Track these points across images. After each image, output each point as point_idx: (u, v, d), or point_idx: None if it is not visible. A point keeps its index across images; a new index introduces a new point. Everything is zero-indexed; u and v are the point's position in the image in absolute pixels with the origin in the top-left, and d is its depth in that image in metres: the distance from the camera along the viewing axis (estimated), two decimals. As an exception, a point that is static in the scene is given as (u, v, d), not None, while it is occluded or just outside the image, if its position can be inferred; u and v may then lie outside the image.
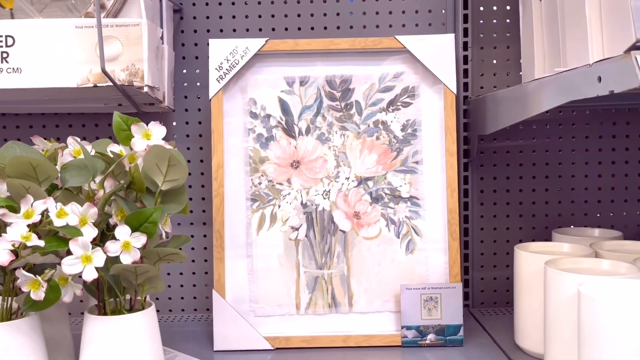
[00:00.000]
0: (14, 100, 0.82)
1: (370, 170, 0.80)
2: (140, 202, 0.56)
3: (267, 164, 0.80)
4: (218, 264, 0.78)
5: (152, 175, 0.52)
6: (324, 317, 0.79)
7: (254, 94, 0.80)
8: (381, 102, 0.80)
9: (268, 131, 0.80)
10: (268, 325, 0.79)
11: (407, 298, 0.76)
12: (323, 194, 0.79)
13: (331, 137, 0.80)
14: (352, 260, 0.79)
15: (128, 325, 0.52)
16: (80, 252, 0.48)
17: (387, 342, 0.77)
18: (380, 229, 0.79)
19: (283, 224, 0.79)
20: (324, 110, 0.80)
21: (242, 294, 0.79)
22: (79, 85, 0.74)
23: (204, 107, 0.93)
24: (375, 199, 0.79)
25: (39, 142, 0.61)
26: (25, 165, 0.50)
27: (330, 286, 0.79)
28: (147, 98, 0.82)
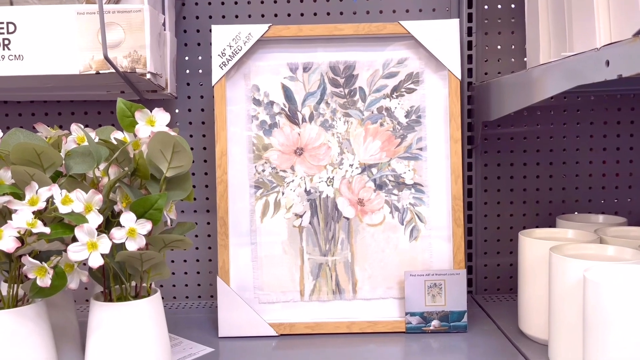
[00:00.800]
0: (16, 88, 0.82)
1: (374, 157, 0.79)
2: (144, 189, 0.55)
3: (270, 151, 0.79)
4: (222, 251, 0.78)
5: (157, 162, 0.52)
6: (328, 304, 0.79)
7: (257, 80, 0.79)
8: (385, 89, 0.79)
9: (271, 118, 0.79)
10: (272, 311, 0.79)
11: (411, 284, 0.76)
12: (327, 181, 0.79)
13: (335, 124, 0.79)
14: (356, 247, 0.79)
15: (134, 312, 0.52)
16: (85, 239, 0.48)
17: (391, 328, 0.77)
18: (384, 216, 0.79)
19: (287, 211, 0.79)
20: (328, 96, 0.79)
21: (247, 281, 0.79)
22: (81, 72, 0.74)
23: (207, 95, 0.93)
24: (379, 185, 0.79)
25: (43, 129, 0.61)
26: (29, 152, 0.50)
27: (334, 273, 0.79)
28: (150, 85, 0.82)
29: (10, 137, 0.54)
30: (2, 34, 0.72)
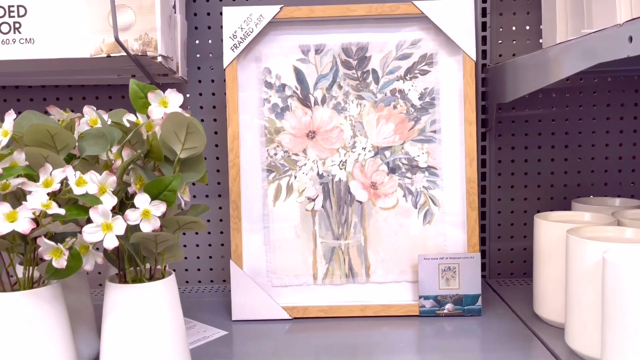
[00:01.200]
0: (27, 72, 0.82)
1: (388, 140, 0.78)
2: (158, 171, 0.55)
3: (282, 134, 0.79)
4: (235, 234, 0.78)
5: (171, 143, 0.51)
6: (341, 287, 0.79)
7: (269, 63, 0.79)
8: (398, 70, 0.78)
9: (283, 101, 0.79)
10: (285, 295, 0.79)
11: (425, 268, 0.76)
12: (339, 165, 0.79)
13: (347, 107, 0.78)
14: (369, 230, 0.79)
15: (149, 293, 0.52)
16: (100, 220, 0.48)
17: (404, 312, 0.77)
18: (398, 200, 0.78)
19: (299, 195, 0.79)
20: (340, 79, 0.78)
21: (259, 264, 0.79)
22: (92, 56, 0.73)
23: (217, 79, 0.92)
24: (392, 169, 0.78)
25: (55, 112, 0.60)
26: (43, 134, 0.50)
27: (347, 257, 0.79)
28: (161, 69, 0.81)
29: (23, 119, 0.54)
30: (13, 17, 0.72)
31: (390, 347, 0.67)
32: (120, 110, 0.61)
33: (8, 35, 0.72)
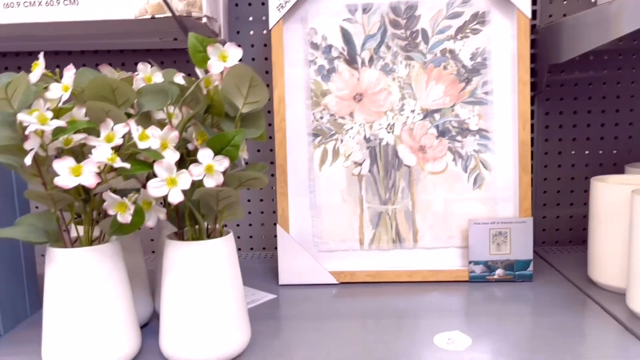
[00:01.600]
0: (68, 36, 0.81)
1: (437, 102, 0.76)
2: (216, 128, 0.54)
3: (328, 97, 0.77)
4: (282, 199, 0.77)
5: (232, 98, 0.50)
6: (388, 253, 0.78)
7: (315, 23, 0.77)
8: (449, 30, 0.76)
9: (329, 63, 0.77)
10: (331, 260, 0.78)
11: (476, 233, 0.75)
12: (387, 128, 0.77)
13: (396, 68, 0.76)
14: (417, 195, 0.77)
15: (209, 250, 0.52)
16: (165, 175, 0.47)
17: (453, 277, 0.76)
18: (447, 164, 0.77)
19: (346, 159, 0.78)
20: (388, 39, 0.76)
21: (305, 229, 0.78)
22: (137, 17, 0.72)
23: (257, 43, 0.91)
24: (441, 132, 0.77)
25: (107, 71, 0.59)
26: (104, 88, 0.49)
27: (395, 222, 0.78)
28: (204, 30, 0.80)
29: (79, 75, 0.53)
30: (58, -23, 0.70)
31: (438, 312, 0.66)
32: (171, 70, 0.59)
33: (52, -4, 0.71)
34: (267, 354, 0.56)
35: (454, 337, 0.58)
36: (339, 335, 0.60)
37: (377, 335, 0.60)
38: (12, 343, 0.61)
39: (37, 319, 0.68)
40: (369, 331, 0.61)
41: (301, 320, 0.65)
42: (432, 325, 0.62)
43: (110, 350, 0.51)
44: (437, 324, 0.62)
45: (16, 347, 0.60)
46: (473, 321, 0.63)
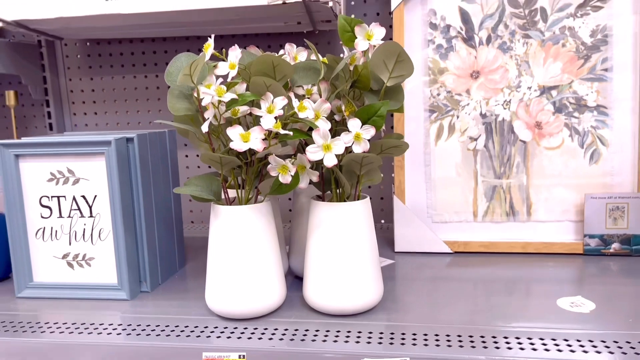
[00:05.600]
0: (206, 22, 0.89)
1: (555, 79, 0.78)
2: (359, 102, 0.60)
3: (446, 74, 0.81)
4: (398, 171, 0.82)
5: (378, 72, 0.55)
6: (502, 225, 0.81)
7: (434, 4, 0.80)
8: (569, 7, 0.77)
9: (448, 42, 0.80)
10: (445, 231, 0.82)
11: (592, 207, 0.76)
12: (503, 104, 0.80)
13: (513, 46, 0.79)
14: (531, 170, 0.80)
15: (352, 211, 0.57)
16: (321, 142, 0.53)
17: (567, 250, 0.78)
18: (563, 139, 0.78)
19: (461, 134, 0.81)
20: (506, 18, 0.78)
21: (420, 200, 0.83)
22: (269, 3, 0.79)
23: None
24: (558, 108, 0.78)
25: (254, 51, 0.66)
26: (266, 65, 0.55)
27: (509, 195, 0.81)
28: (327, 14, 0.86)
29: (182, 59, 0.59)
30: (200, -32, 0.78)
31: (554, 281, 0.68)
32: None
33: (194, -14, 0.79)
34: (399, 307, 0.61)
35: (577, 301, 0.61)
36: (459, 296, 0.64)
37: (499, 297, 0.64)
38: (169, 291, 0.70)
39: (184, 273, 0.78)
40: (491, 293, 0.65)
41: (421, 282, 0.70)
42: (551, 290, 0.65)
43: (264, 296, 0.58)
44: (555, 290, 0.65)
45: (173, 294, 0.69)
46: (591, 290, 0.65)
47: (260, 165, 0.58)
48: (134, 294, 0.68)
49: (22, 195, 0.68)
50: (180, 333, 0.56)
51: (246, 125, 0.59)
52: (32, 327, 0.60)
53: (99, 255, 0.68)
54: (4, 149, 0.66)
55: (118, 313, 0.63)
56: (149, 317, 0.61)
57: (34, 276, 0.69)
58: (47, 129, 1.10)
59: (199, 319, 0.60)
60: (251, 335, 0.55)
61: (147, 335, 0.56)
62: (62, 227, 0.68)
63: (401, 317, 0.58)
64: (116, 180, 0.64)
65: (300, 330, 0.56)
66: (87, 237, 0.67)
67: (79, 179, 0.66)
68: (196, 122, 0.58)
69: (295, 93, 0.61)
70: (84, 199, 0.67)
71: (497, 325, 0.55)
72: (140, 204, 0.67)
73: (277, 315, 0.60)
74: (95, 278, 0.68)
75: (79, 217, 0.67)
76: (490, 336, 0.53)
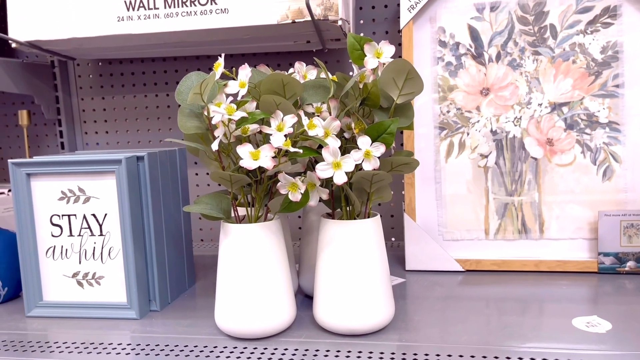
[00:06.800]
0: (215, 41, 0.90)
1: (565, 96, 0.78)
2: (368, 119, 0.59)
3: (456, 91, 0.81)
4: (409, 189, 0.82)
5: (388, 90, 0.55)
6: (514, 243, 0.80)
7: (443, 22, 0.80)
8: (578, 24, 0.77)
9: (457, 59, 0.80)
10: (457, 249, 0.81)
11: (606, 224, 0.75)
12: (514, 121, 0.79)
13: (523, 63, 0.78)
14: (543, 187, 0.79)
15: (362, 229, 0.57)
16: (331, 159, 0.53)
17: (581, 268, 0.77)
18: (575, 156, 0.78)
19: (472, 151, 0.81)
20: (516, 35, 0.78)
21: (431, 218, 0.82)
22: (279, 22, 0.79)
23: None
24: (569, 125, 0.78)
25: (264, 69, 0.67)
26: (276, 83, 0.56)
27: (521, 212, 0.80)
28: (335, 34, 0.86)
29: (191, 78, 0.60)
30: (213, -11, 0.79)
31: (568, 300, 0.67)
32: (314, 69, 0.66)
33: (205, 7, 0.81)
34: (411, 327, 0.60)
35: (593, 321, 0.60)
36: (471, 315, 0.63)
37: (512, 317, 0.62)
38: (178, 310, 0.70)
39: (194, 292, 0.77)
40: (504, 312, 0.64)
41: (432, 301, 0.69)
42: (565, 310, 0.64)
43: (274, 316, 0.58)
44: (570, 309, 0.64)
45: (183, 313, 0.68)
46: (607, 309, 0.64)
47: (269, 183, 0.58)
48: (144, 313, 0.67)
49: (33, 213, 0.68)
50: (190, 353, 0.56)
51: (256, 143, 0.59)
52: (42, 346, 0.59)
53: (108, 274, 0.67)
54: (16, 167, 0.67)
55: (128, 332, 0.62)
56: (159, 337, 0.60)
57: (44, 295, 0.69)
58: (59, 148, 1.11)
59: (209, 338, 0.59)
60: (261, 355, 0.54)
61: (157, 355, 0.55)
62: (73, 245, 0.68)
63: (413, 337, 0.58)
64: (126, 198, 0.64)
65: (311, 351, 0.55)
66: (97, 256, 0.67)
67: (90, 197, 0.67)
68: (206, 140, 0.59)
69: (305, 111, 0.61)
70: (94, 217, 0.67)
71: (511, 346, 0.54)
72: (150, 222, 0.67)
73: (287, 334, 0.59)
74: (104, 297, 0.68)
75: (89, 236, 0.67)
76: (504, 357, 0.52)
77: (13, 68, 0.98)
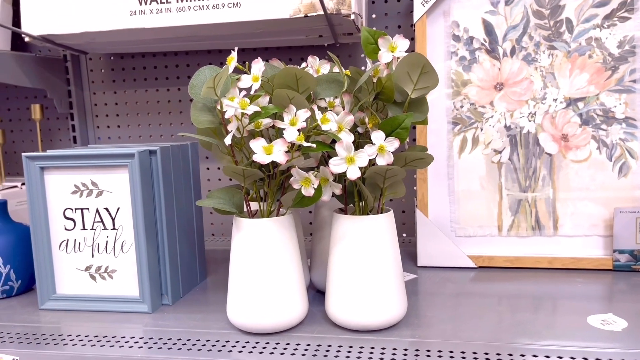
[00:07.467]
0: (226, 35, 0.89)
1: (581, 91, 0.77)
2: (382, 114, 0.59)
3: (469, 86, 0.80)
4: (421, 184, 0.81)
5: (402, 84, 0.55)
6: (527, 239, 0.79)
7: (457, 16, 0.80)
8: (595, 18, 0.76)
9: (471, 54, 0.79)
10: (469, 245, 0.81)
11: (621, 221, 0.74)
12: (528, 117, 0.78)
13: (538, 57, 0.77)
14: (558, 183, 0.78)
15: (375, 225, 0.57)
16: (344, 154, 0.53)
17: (596, 265, 0.76)
18: (591, 152, 0.77)
19: (485, 147, 0.80)
20: (531, 29, 0.77)
21: (444, 214, 0.81)
22: (291, 16, 0.79)
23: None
24: (585, 120, 0.77)
25: (277, 64, 0.66)
26: (289, 77, 0.55)
27: (534, 209, 0.79)
28: (347, 28, 0.86)
29: (199, 73, 0.60)
30: (226, -17, 0.79)
31: (583, 297, 0.66)
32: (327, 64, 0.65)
33: (218, 1, 0.80)
34: (422, 323, 0.60)
35: (608, 319, 0.59)
36: (484, 312, 0.63)
37: (526, 314, 0.62)
38: (190, 304, 0.70)
39: (205, 286, 0.77)
40: (517, 309, 0.63)
41: (444, 297, 0.68)
42: (580, 307, 0.63)
43: (286, 311, 0.57)
44: (584, 307, 0.63)
45: (194, 307, 0.68)
46: (622, 307, 0.63)
47: (282, 178, 0.57)
48: (155, 307, 0.68)
49: (46, 207, 0.68)
50: (202, 347, 0.56)
51: (268, 137, 0.59)
52: (55, 339, 0.60)
53: (121, 267, 0.68)
54: (29, 161, 0.67)
55: (140, 326, 0.62)
56: (171, 331, 0.61)
57: (57, 288, 0.70)
58: (71, 142, 1.11)
59: (221, 332, 0.59)
60: (273, 350, 0.54)
61: (169, 349, 0.56)
62: (85, 239, 0.68)
63: (426, 333, 0.57)
64: (139, 192, 0.64)
65: (323, 346, 0.55)
66: (110, 250, 0.68)
67: (102, 191, 0.67)
68: (219, 134, 0.58)
69: (318, 106, 0.61)
70: (107, 211, 0.67)
71: (525, 343, 0.54)
72: (163, 216, 0.67)
73: (299, 330, 0.59)
74: (117, 290, 0.68)
75: (101, 230, 0.68)
76: (518, 354, 0.52)
77: (26, 62, 0.98)
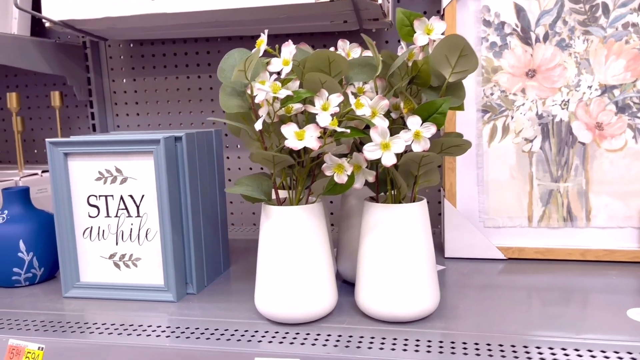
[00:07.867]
0: (246, 21, 0.87)
1: (617, 78, 0.74)
2: (416, 99, 0.57)
3: (500, 73, 0.77)
4: (449, 173, 0.79)
5: (439, 68, 0.53)
6: (558, 231, 0.77)
7: (488, 1, 0.77)
8: (632, 3, 0.73)
9: (502, 39, 0.77)
10: (498, 236, 0.79)
11: (658, 213, 0.72)
12: (561, 104, 0.76)
13: (572, 43, 0.75)
14: (591, 173, 0.76)
15: (409, 214, 0.55)
16: (379, 140, 0.51)
17: (630, 258, 0.74)
18: (626, 141, 0.74)
19: (516, 135, 0.78)
20: (565, 14, 0.75)
21: (472, 204, 0.79)
22: (317, 1, 0.77)
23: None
24: (621, 108, 0.74)
25: (305, 48, 0.65)
26: (322, 61, 0.53)
27: (566, 200, 0.77)
28: (373, 13, 0.84)
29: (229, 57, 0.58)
30: (249, -34, 0.77)
31: (612, 292, 0.64)
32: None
33: (242, -16, 0.78)
34: (455, 315, 0.58)
35: (648, 312, 0.57)
36: (514, 305, 0.61)
37: (557, 307, 0.60)
38: (215, 294, 0.69)
39: (229, 275, 0.76)
40: (548, 302, 0.61)
41: (473, 289, 0.67)
42: (613, 300, 0.61)
43: (316, 301, 0.56)
44: (618, 300, 0.61)
45: (220, 297, 0.67)
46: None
47: (312, 165, 0.56)
48: (180, 296, 0.67)
49: (70, 194, 0.67)
50: (230, 337, 0.55)
51: (297, 123, 0.57)
52: (80, 326, 0.59)
53: (145, 255, 0.67)
54: (53, 147, 0.66)
55: (165, 315, 0.61)
56: (196, 320, 0.59)
57: (81, 276, 0.69)
58: (90, 129, 1.10)
59: (248, 322, 0.58)
60: (304, 341, 0.53)
61: (197, 339, 0.54)
62: (109, 226, 0.67)
63: (459, 326, 0.56)
64: (164, 179, 0.63)
65: (355, 337, 0.53)
66: (134, 237, 0.66)
67: (127, 178, 0.66)
68: (248, 119, 0.57)
69: (351, 91, 0.59)
70: (132, 198, 0.66)
71: (554, 337, 0.52)
72: (188, 204, 0.66)
73: (329, 320, 0.58)
74: (141, 279, 0.67)
75: (126, 217, 0.66)
76: (546, 347, 0.50)
77: (46, 48, 0.97)
